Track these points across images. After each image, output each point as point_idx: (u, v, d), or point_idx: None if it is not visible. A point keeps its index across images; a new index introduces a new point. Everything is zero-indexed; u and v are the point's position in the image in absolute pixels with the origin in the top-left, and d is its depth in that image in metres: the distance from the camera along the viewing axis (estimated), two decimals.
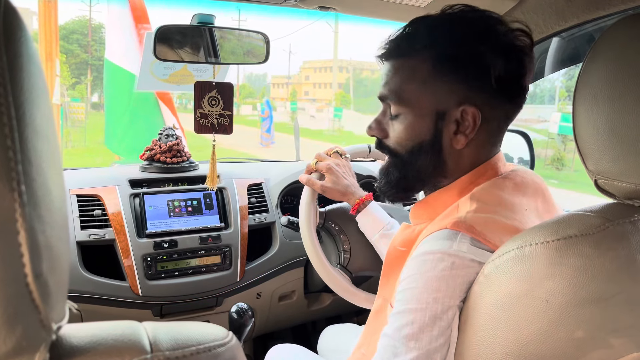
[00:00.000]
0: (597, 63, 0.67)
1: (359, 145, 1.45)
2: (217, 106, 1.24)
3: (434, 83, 0.82)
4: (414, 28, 0.85)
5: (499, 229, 0.75)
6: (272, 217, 1.66)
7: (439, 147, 0.85)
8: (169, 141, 1.62)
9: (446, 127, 0.83)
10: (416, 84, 0.83)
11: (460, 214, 0.78)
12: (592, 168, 0.68)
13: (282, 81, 41.99)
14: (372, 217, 1.25)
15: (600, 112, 0.65)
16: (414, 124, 0.85)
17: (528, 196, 0.84)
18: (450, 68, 0.81)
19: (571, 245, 0.62)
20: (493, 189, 0.82)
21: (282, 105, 32.73)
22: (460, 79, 0.81)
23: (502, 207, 0.79)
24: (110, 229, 1.43)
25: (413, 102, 0.84)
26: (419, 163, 0.86)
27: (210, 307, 1.55)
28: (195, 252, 1.50)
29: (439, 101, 0.82)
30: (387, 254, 0.95)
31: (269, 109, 14.85)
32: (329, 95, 36.52)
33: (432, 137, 0.84)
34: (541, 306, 0.62)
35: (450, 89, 0.82)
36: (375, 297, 0.98)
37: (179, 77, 1.85)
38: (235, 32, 1.24)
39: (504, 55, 0.80)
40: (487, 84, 0.81)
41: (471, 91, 0.81)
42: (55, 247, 0.34)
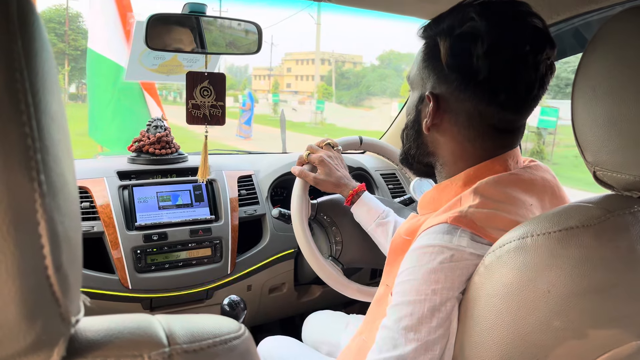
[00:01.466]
0: (596, 55, 0.67)
1: (350, 137, 1.45)
2: (209, 97, 1.23)
3: (421, 68, 0.88)
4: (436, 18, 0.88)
5: (501, 225, 0.75)
6: (263, 209, 1.65)
7: (418, 127, 0.91)
8: (157, 132, 1.60)
9: (423, 110, 0.89)
10: (415, 67, 0.91)
11: (462, 207, 0.77)
12: (591, 159, 0.69)
13: (264, 73, 41.76)
14: (367, 206, 1.25)
15: (599, 104, 0.66)
16: (410, 101, 0.93)
17: (532, 193, 0.83)
18: (429, 55, 0.86)
19: (572, 236, 0.62)
20: (497, 184, 0.81)
21: (264, 97, 32.56)
22: (432, 66, 0.85)
23: (505, 202, 0.78)
24: (99, 221, 1.41)
25: (412, 82, 0.92)
26: (407, 139, 0.95)
27: (200, 300, 1.53)
28: (185, 244, 1.48)
29: (422, 84, 0.88)
30: (392, 242, 0.95)
31: (251, 101, 14.74)
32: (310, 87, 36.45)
33: (414, 116, 0.92)
34: (542, 296, 0.63)
35: (427, 74, 0.87)
36: (379, 284, 0.99)
37: (168, 67, 1.82)
38: (227, 22, 1.22)
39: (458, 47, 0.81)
40: (447, 75, 0.83)
41: (438, 80, 0.85)
42: (73, 239, 0.33)
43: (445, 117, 0.85)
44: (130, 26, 2.68)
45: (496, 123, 0.83)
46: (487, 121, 0.83)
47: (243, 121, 14.29)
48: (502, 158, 0.85)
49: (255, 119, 15.24)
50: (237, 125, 14.42)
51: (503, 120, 0.83)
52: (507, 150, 0.86)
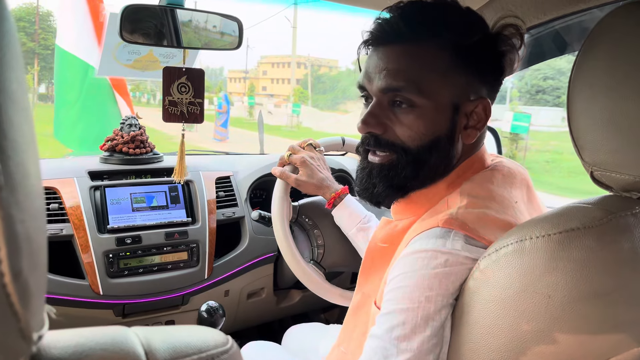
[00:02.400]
0: (593, 53, 0.65)
1: (332, 138, 1.41)
2: (187, 93, 1.17)
3: (453, 74, 0.77)
4: (421, 10, 0.78)
5: (492, 225, 0.73)
6: (242, 211, 1.60)
7: (452, 142, 0.80)
8: (131, 131, 1.54)
9: (459, 120, 0.80)
10: (437, 74, 0.77)
11: (451, 210, 0.74)
12: (588, 159, 0.67)
13: (239, 75, 41.56)
14: (348, 210, 1.21)
15: (597, 102, 0.63)
16: (433, 117, 0.77)
17: (516, 187, 0.82)
18: (469, 58, 0.77)
19: (574, 238, 0.60)
20: (483, 182, 0.79)
21: (239, 100, 32.37)
22: (475, 71, 0.78)
23: (494, 201, 0.76)
24: (68, 223, 1.34)
25: (433, 94, 0.77)
26: (433, 159, 0.79)
27: (175, 306, 1.47)
28: (160, 248, 1.42)
29: (457, 93, 0.78)
30: (368, 250, 0.91)
31: (227, 103, 14.61)
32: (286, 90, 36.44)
33: (448, 131, 0.79)
34: (542, 301, 0.60)
35: (466, 81, 0.78)
36: (354, 293, 0.95)
37: (144, 62, 1.75)
38: (206, 16, 1.17)
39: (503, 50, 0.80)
40: (493, 76, 0.81)
41: (482, 84, 0.80)
42: (36, 240, 0.28)
43: None
44: (103, 18, 2.59)
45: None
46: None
47: (219, 124, 14.16)
48: (480, 154, 0.84)
49: (231, 121, 15.12)
50: (213, 128, 14.28)
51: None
52: (482, 145, 0.85)
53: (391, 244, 0.84)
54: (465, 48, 0.76)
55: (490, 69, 0.80)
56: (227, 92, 33.62)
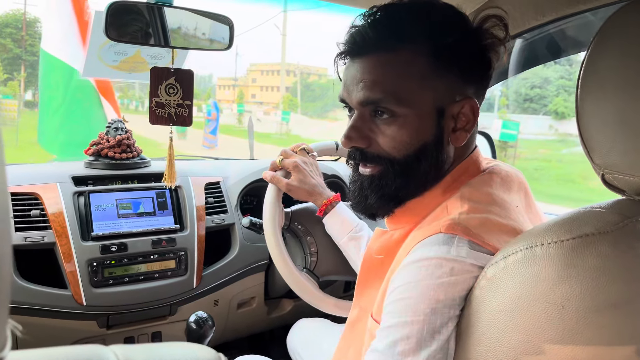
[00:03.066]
0: (603, 51, 0.62)
1: (326, 142, 1.37)
2: (175, 95, 1.13)
3: (433, 78, 0.74)
4: (392, 15, 0.75)
5: (496, 230, 0.69)
6: (232, 218, 1.55)
7: (440, 147, 0.77)
8: (117, 134, 1.48)
9: (446, 124, 0.76)
10: (415, 80, 0.74)
11: (453, 215, 0.71)
12: (599, 162, 0.63)
13: (228, 83, 41.51)
14: (340, 219, 1.17)
15: (608, 102, 0.60)
16: (416, 124, 0.75)
17: (514, 191, 0.79)
18: (449, 60, 0.73)
19: (588, 245, 0.56)
20: (482, 186, 0.76)
21: (229, 107, 32.31)
22: (458, 71, 0.75)
23: (495, 205, 0.73)
24: (50, 231, 1.28)
25: (414, 102, 0.74)
26: (422, 167, 0.77)
27: (163, 317, 1.42)
28: (147, 256, 1.37)
29: (439, 97, 0.75)
30: (363, 262, 0.87)
31: (216, 110, 14.55)
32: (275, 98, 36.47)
33: (435, 137, 0.76)
34: (555, 312, 0.57)
35: (448, 83, 0.75)
36: (351, 307, 0.91)
37: (131, 63, 1.69)
38: (196, 15, 1.13)
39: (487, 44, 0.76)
40: (478, 75, 0.77)
41: (467, 83, 0.76)
42: None
43: None
44: (88, 17, 2.53)
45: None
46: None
47: (208, 131, 14.09)
48: (473, 157, 0.81)
49: (220, 129, 15.06)
50: (202, 135, 14.21)
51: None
52: (475, 148, 0.83)
53: (387, 255, 0.80)
54: (443, 49, 0.73)
55: (474, 66, 0.76)
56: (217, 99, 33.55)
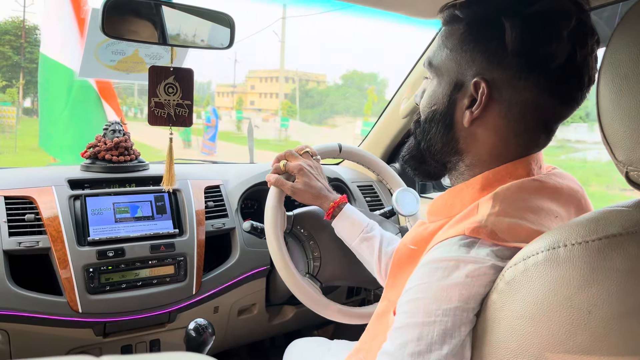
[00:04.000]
0: (626, 40, 0.59)
1: (329, 144, 1.34)
2: (174, 95, 1.09)
3: (459, 51, 0.76)
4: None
5: (525, 235, 0.64)
6: (232, 222, 1.51)
7: (450, 120, 0.78)
8: (115, 137, 1.45)
9: (460, 100, 0.76)
10: (446, 50, 0.78)
11: (480, 217, 0.67)
12: (623, 158, 0.59)
13: (227, 90, 41.59)
14: (350, 220, 1.14)
15: (632, 94, 0.57)
16: (435, 89, 0.80)
17: (559, 203, 0.73)
18: (475, 37, 0.74)
19: (615, 246, 0.53)
20: (520, 190, 0.71)
21: (227, 114, 32.35)
22: (482, 48, 0.72)
23: (529, 211, 0.68)
24: (45, 235, 1.24)
25: (439, 68, 0.79)
26: (430, 133, 0.81)
27: (161, 324, 1.38)
28: (145, 261, 1.33)
29: (459, 70, 0.76)
30: (397, 252, 0.84)
31: (216, 117, 14.53)
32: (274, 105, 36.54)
33: (445, 107, 0.79)
34: (581, 318, 0.53)
35: (471, 58, 0.74)
36: (380, 299, 0.87)
37: (129, 64, 1.66)
38: (197, 12, 1.09)
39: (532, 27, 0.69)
40: (506, 59, 0.71)
41: (489, 65, 0.72)
42: None
43: (494, 108, 0.73)
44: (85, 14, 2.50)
45: (549, 119, 0.75)
46: (544, 115, 0.74)
47: (207, 137, 14.07)
48: (526, 161, 0.75)
49: (219, 135, 15.03)
50: (201, 141, 14.19)
51: (558, 115, 0.75)
52: (536, 151, 0.77)
53: (420, 247, 0.77)
54: (476, 26, 0.74)
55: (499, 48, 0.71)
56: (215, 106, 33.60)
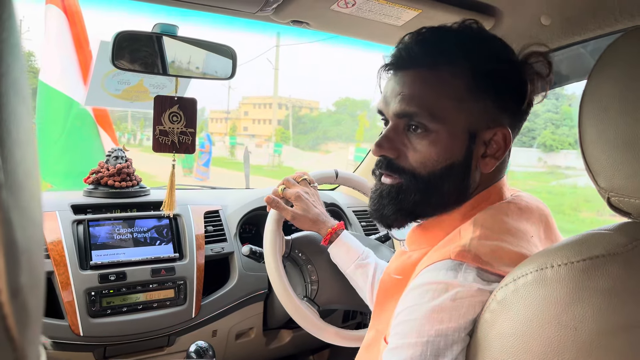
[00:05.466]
0: (606, 74, 0.64)
1: (325, 171, 1.38)
2: (178, 123, 1.14)
3: (470, 101, 0.75)
4: (438, 36, 0.78)
5: (507, 258, 0.69)
6: (231, 246, 1.54)
7: (467, 170, 0.78)
8: (117, 163, 1.48)
9: (476, 148, 0.77)
10: (452, 100, 0.75)
11: (464, 241, 0.71)
12: (605, 185, 0.64)
13: (221, 116, 41.74)
14: (345, 247, 1.17)
15: (612, 126, 0.61)
16: (446, 143, 0.76)
17: (532, 222, 0.78)
18: (487, 86, 0.75)
19: (599, 266, 0.57)
20: (497, 213, 0.76)
21: (221, 140, 32.43)
22: (495, 98, 0.76)
23: (508, 234, 0.72)
24: (49, 260, 1.26)
25: (448, 119, 0.75)
26: (446, 186, 0.78)
27: (160, 347, 1.39)
28: (146, 285, 1.35)
29: (473, 121, 0.76)
30: (381, 282, 0.87)
31: (210, 143, 14.59)
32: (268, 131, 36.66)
33: (464, 159, 0.77)
34: (569, 334, 0.56)
35: (484, 108, 0.76)
36: (368, 329, 0.90)
37: (134, 93, 1.71)
38: (200, 45, 1.15)
39: (528, 78, 0.77)
40: (517, 106, 0.78)
41: (503, 112, 0.77)
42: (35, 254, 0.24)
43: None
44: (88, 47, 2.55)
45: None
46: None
47: (201, 163, 14.08)
48: (499, 185, 0.81)
49: (212, 161, 15.04)
50: (195, 167, 14.18)
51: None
52: (502, 176, 0.83)
53: (405, 276, 0.80)
54: (482, 74, 0.75)
55: (512, 96, 0.77)
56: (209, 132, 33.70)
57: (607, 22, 1.03)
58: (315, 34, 1.24)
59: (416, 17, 1.10)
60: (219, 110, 41.77)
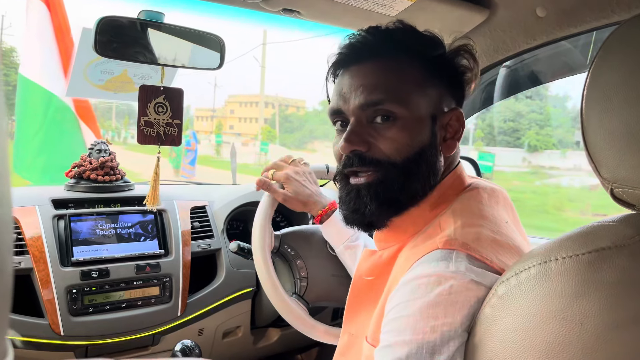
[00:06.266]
0: (609, 63, 0.62)
1: (317, 165, 1.35)
2: (164, 114, 1.10)
3: (427, 86, 0.79)
4: (387, 30, 0.82)
5: (491, 245, 0.69)
6: (218, 243, 1.50)
7: (435, 152, 0.79)
8: (101, 157, 1.44)
9: (438, 132, 0.79)
10: (414, 85, 0.78)
11: (448, 231, 0.70)
12: (608, 176, 0.62)
13: (207, 114, 41.50)
14: (336, 228, 1.15)
15: (616, 115, 0.59)
16: (415, 127, 0.77)
17: (501, 206, 0.80)
18: (436, 72, 0.80)
19: (605, 259, 0.55)
20: (471, 201, 0.77)
21: (206, 138, 32.24)
22: (447, 84, 0.81)
23: (486, 220, 0.73)
24: (28, 256, 1.21)
25: (413, 105, 0.77)
26: (421, 171, 0.78)
27: (145, 347, 1.35)
28: (130, 282, 1.31)
29: (432, 105, 0.79)
30: (353, 285, 0.85)
31: (195, 141, 14.49)
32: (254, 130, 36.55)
33: (430, 141, 0.78)
34: (574, 329, 0.54)
35: (438, 93, 0.80)
36: (340, 334, 0.87)
37: (117, 83, 1.65)
38: (187, 33, 1.11)
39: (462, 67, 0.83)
40: (461, 92, 0.83)
41: (452, 97, 0.82)
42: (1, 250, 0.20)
43: None
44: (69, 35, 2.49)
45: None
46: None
47: (187, 161, 13.98)
48: (457, 172, 0.83)
49: (198, 159, 14.96)
50: (180, 165, 14.07)
51: None
52: (458, 163, 0.85)
53: (377, 277, 0.79)
54: (431, 62, 0.79)
55: (456, 83, 0.83)
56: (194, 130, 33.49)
57: (603, 13, 1.02)
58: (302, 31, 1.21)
59: (410, 7, 1.08)
60: (204, 108, 41.53)
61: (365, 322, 0.77)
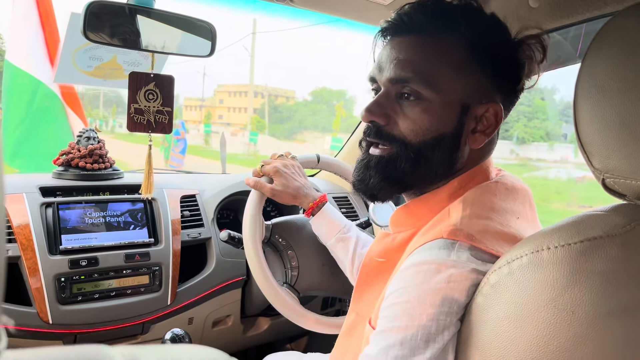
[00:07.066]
0: (602, 53, 0.62)
1: (307, 155, 1.34)
2: (154, 101, 1.08)
3: (466, 72, 0.74)
4: (441, 5, 0.77)
5: (497, 237, 0.68)
6: (208, 232, 1.49)
7: (457, 143, 0.76)
8: (89, 144, 1.42)
9: (467, 122, 0.76)
10: (449, 69, 0.74)
11: (454, 220, 0.69)
12: (599, 166, 0.62)
13: (195, 104, 41.17)
14: (327, 220, 1.15)
15: (608, 106, 0.60)
16: (439, 112, 0.74)
17: (518, 203, 0.77)
18: (484, 60, 0.74)
19: (597, 248, 0.55)
20: (485, 193, 0.74)
21: (195, 127, 32.02)
22: (491, 74, 0.75)
23: (496, 212, 0.72)
24: (15, 244, 1.20)
25: (443, 88, 0.74)
26: (435, 158, 0.76)
27: (134, 336, 1.34)
28: (119, 271, 1.30)
29: (467, 93, 0.75)
30: (363, 266, 0.85)
31: (184, 130, 14.39)
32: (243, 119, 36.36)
33: (454, 130, 0.76)
34: (565, 318, 0.55)
35: (479, 82, 0.75)
36: (347, 313, 0.88)
37: (106, 70, 1.63)
38: (178, 20, 1.09)
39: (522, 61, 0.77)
40: (511, 86, 0.78)
41: (497, 90, 0.76)
42: None
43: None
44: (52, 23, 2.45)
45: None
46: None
47: (177, 151, 13.88)
48: (484, 166, 0.80)
49: (187, 149, 14.87)
50: (170, 154, 13.97)
51: None
52: (489, 156, 0.82)
53: (388, 259, 0.78)
54: (482, 47, 0.74)
55: (506, 75, 0.77)
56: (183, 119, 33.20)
57: (596, 4, 1.02)
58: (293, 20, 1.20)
59: None
60: (193, 98, 41.18)
61: (371, 303, 0.77)
